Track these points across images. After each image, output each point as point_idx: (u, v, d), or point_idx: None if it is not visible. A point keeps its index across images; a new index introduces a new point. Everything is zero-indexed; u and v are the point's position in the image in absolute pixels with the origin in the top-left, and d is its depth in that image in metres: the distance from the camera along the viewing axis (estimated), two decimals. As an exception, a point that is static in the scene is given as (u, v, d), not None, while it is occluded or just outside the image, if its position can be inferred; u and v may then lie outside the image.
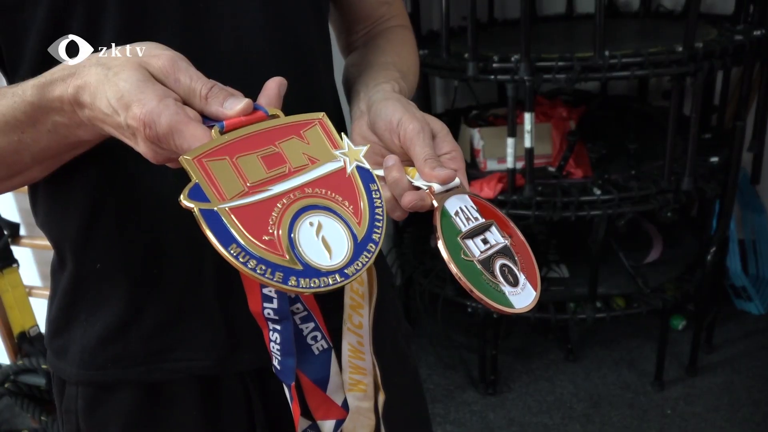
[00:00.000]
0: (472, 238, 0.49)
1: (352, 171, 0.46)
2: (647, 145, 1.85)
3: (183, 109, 0.42)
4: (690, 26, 1.47)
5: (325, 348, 0.58)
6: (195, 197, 0.40)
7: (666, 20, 2.04)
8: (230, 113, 0.43)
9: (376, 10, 0.74)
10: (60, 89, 0.45)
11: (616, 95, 2.31)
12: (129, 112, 0.41)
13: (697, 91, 1.54)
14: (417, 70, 0.74)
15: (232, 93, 0.44)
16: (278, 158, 0.44)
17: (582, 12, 2.26)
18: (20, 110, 0.47)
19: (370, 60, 0.68)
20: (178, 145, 0.41)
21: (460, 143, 1.96)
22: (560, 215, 1.61)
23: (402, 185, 0.51)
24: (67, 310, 0.65)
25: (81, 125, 0.46)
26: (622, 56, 1.48)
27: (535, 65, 1.53)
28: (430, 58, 1.73)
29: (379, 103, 0.56)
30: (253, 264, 0.39)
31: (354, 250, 0.43)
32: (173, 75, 0.43)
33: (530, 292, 0.49)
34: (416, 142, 0.51)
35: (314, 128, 0.47)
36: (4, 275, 1.69)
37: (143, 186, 0.58)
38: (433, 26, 2.23)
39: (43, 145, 0.50)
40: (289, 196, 0.43)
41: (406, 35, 0.75)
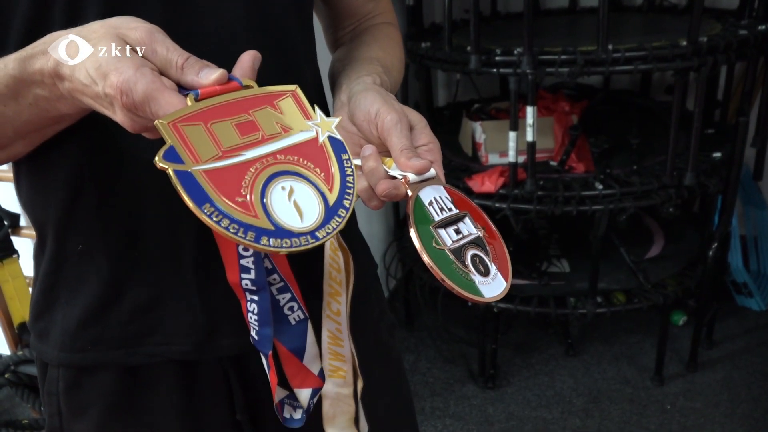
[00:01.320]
0: (444, 228, 0.50)
1: (324, 141, 0.48)
2: (650, 140, 1.84)
3: (159, 77, 0.43)
4: (694, 21, 1.46)
5: (301, 318, 0.59)
6: (170, 159, 0.41)
7: (670, 14, 2.03)
8: (205, 82, 0.44)
9: (362, 7, 0.75)
10: (41, 62, 0.46)
11: (618, 90, 2.30)
12: (107, 81, 0.42)
13: (700, 86, 1.53)
14: (402, 66, 0.75)
15: (207, 64, 0.45)
16: (252, 126, 0.45)
17: (585, 6, 2.25)
18: (2, 83, 0.48)
19: (355, 55, 0.69)
20: (154, 111, 0.42)
21: (462, 137, 1.96)
22: (562, 210, 1.61)
23: (378, 174, 0.52)
24: (48, 292, 0.65)
25: (61, 98, 0.47)
26: (626, 50, 1.47)
27: (537, 59, 1.52)
28: (432, 50, 1.72)
29: (358, 95, 0.57)
30: (226, 223, 0.41)
31: (325, 214, 0.45)
32: (150, 46, 0.44)
33: (501, 283, 0.50)
34: (393, 132, 0.52)
35: (287, 99, 0.48)
36: (4, 265, 1.69)
37: (124, 166, 0.58)
38: (435, 19, 2.22)
39: (25, 119, 0.51)
40: (262, 161, 0.44)
41: (392, 32, 0.76)
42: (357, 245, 0.73)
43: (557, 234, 2.07)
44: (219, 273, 0.57)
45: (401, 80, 0.74)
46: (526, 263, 1.93)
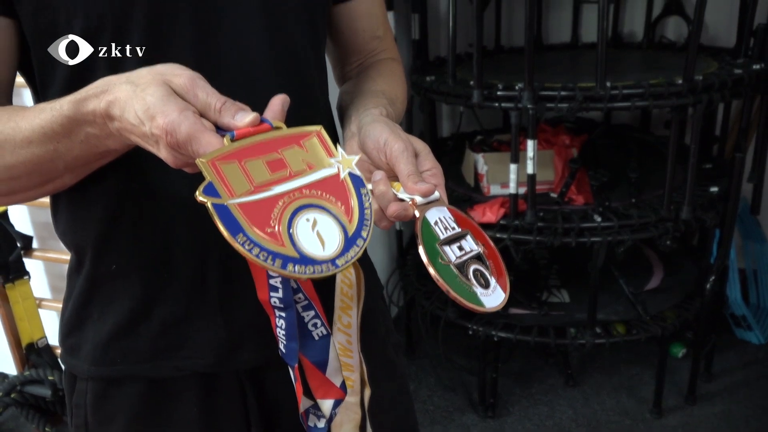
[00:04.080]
0: (449, 245, 0.55)
1: (345, 176, 0.53)
2: (648, 174, 1.88)
3: (200, 120, 0.48)
4: (690, 59, 1.51)
5: (324, 334, 0.63)
6: (208, 193, 0.46)
7: (668, 52, 2.08)
8: (240, 124, 0.49)
9: (368, 44, 0.81)
10: (93, 104, 0.51)
11: (618, 124, 2.35)
12: (154, 122, 0.47)
13: (696, 123, 1.57)
14: (404, 97, 0.81)
15: (242, 107, 0.50)
16: (280, 163, 0.51)
17: (587, 41, 2.31)
18: (57, 123, 0.53)
19: (362, 88, 0.75)
20: (195, 150, 0.47)
21: (465, 167, 2.00)
22: (561, 241, 1.64)
23: (388, 197, 0.56)
24: (81, 309, 0.70)
25: (110, 136, 0.52)
26: (624, 87, 1.52)
27: (538, 94, 1.57)
28: (436, 84, 1.77)
29: (368, 126, 0.62)
30: (256, 251, 0.46)
31: (345, 243, 0.50)
32: (192, 91, 0.49)
33: (500, 294, 0.55)
34: (401, 159, 0.57)
35: (313, 139, 0.54)
36: (15, 286, 1.73)
37: (159, 192, 0.64)
38: (440, 52, 2.28)
39: (76, 154, 0.55)
40: (289, 195, 0.50)
41: (395, 67, 0.82)
42: (366, 268, 0.77)
43: (557, 264, 2.10)
44: (240, 292, 0.64)
45: (404, 111, 0.80)
46: (526, 293, 1.96)
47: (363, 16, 0.79)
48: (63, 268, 1.89)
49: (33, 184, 0.60)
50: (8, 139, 0.55)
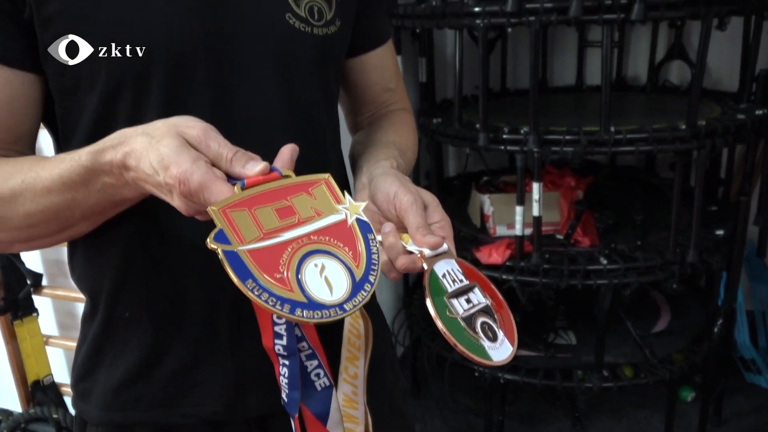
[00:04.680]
0: (457, 298, 0.56)
1: (352, 222, 0.54)
2: (654, 216, 1.89)
3: (212, 169, 0.50)
4: (692, 104, 1.54)
5: (327, 385, 0.64)
6: (219, 240, 0.48)
7: (672, 95, 2.11)
8: (250, 173, 0.51)
9: (380, 96, 0.83)
10: (110, 155, 0.53)
11: (623, 166, 2.37)
12: (168, 172, 0.49)
13: (700, 167, 1.59)
14: (415, 147, 0.82)
15: (253, 157, 0.52)
16: (289, 210, 0.52)
17: (591, 84, 2.35)
18: (75, 173, 0.55)
19: (373, 138, 0.76)
20: (207, 198, 0.49)
21: (471, 208, 2.02)
22: (567, 283, 1.64)
23: (397, 249, 0.58)
24: (94, 355, 0.72)
25: (126, 185, 0.54)
26: (627, 132, 1.54)
27: (543, 138, 1.59)
28: (443, 126, 1.80)
29: (378, 178, 0.64)
30: (265, 297, 0.47)
31: (352, 288, 0.50)
32: (205, 142, 0.51)
33: (507, 347, 0.56)
34: (410, 212, 0.59)
35: (321, 186, 0.55)
36: (23, 323, 1.74)
37: (172, 239, 0.66)
38: (447, 95, 2.32)
39: (92, 203, 0.58)
40: (297, 241, 0.51)
41: (407, 117, 0.84)
42: (374, 313, 0.78)
43: (564, 305, 2.10)
44: (250, 339, 0.64)
45: (415, 160, 0.82)
46: (532, 334, 1.95)
47: (375, 68, 0.82)
48: (71, 306, 1.90)
49: (50, 231, 0.61)
50: (29, 187, 0.57)
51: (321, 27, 0.68)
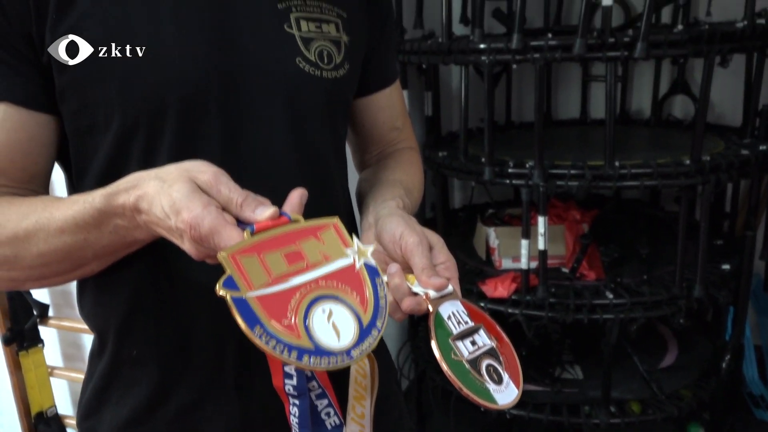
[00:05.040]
0: (462, 340, 0.57)
1: (360, 267, 0.55)
2: (659, 250, 1.89)
3: (222, 214, 0.51)
4: (696, 140, 1.55)
5: (337, 424, 0.64)
6: (228, 286, 0.48)
7: (676, 129, 2.13)
8: (260, 218, 0.52)
9: (387, 135, 0.85)
10: (123, 198, 0.54)
11: (628, 199, 2.37)
12: (179, 217, 0.50)
13: (705, 202, 1.59)
14: (421, 186, 0.83)
15: (262, 202, 0.53)
16: (298, 255, 0.52)
17: (596, 117, 2.37)
18: (89, 214, 0.56)
19: (380, 177, 0.78)
20: (217, 243, 0.49)
21: (477, 241, 2.02)
22: (573, 317, 1.64)
23: (402, 290, 0.58)
24: (101, 393, 0.72)
25: (138, 227, 0.55)
26: (632, 166, 1.55)
27: (548, 172, 1.60)
28: (448, 159, 1.82)
29: (384, 218, 0.65)
30: (273, 344, 0.47)
31: (360, 334, 0.51)
32: (216, 187, 0.52)
33: (513, 390, 0.56)
34: (415, 253, 0.60)
35: (329, 230, 0.56)
36: (29, 354, 1.73)
37: (181, 280, 0.66)
38: (452, 127, 2.34)
39: (104, 243, 0.58)
40: (306, 287, 0.51)
41: (413, 156, 0.86)
42: (380, 352, 0.78)
43: (570, 339, 2.08)
44: (256, 378, 0.65)
45: (421, 198, 0.83)
46: (538, 369, 1.93)
47: (383, 108, 0.83)
48: (77, 337, 1.90)
49: (62, 270, 0.62)
50: (43, 227, 0.58)
51: (330, 70, 0.70)
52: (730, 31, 1.50)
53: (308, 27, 0.68)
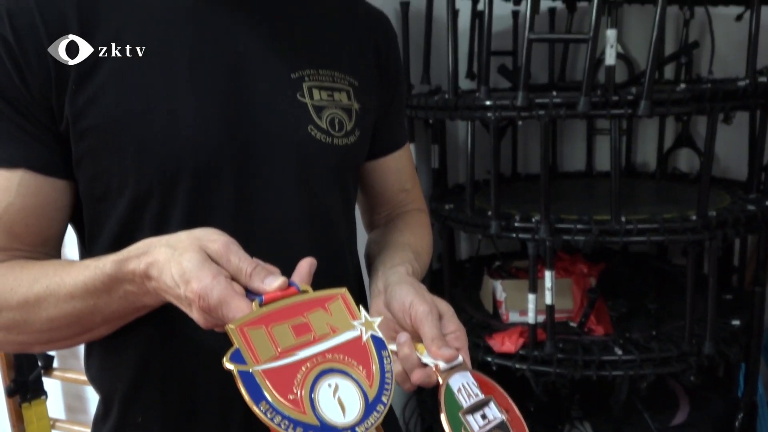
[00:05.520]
0: (472, 414, 0.56)
1: (367, 339, 0.55)
2: (668, 304, 1.87)
3: (231, 284, 0.51)
4: (702, 195, 1.55)
5: None
6: (235, 360, 0.48)
7: (682, 183, 2.14)
8: (269, 289, 0.52)
9: (396, 196, 0.86)
10: (134, 264, 0.55)
11: (636, 252, 2.37)
12: (188, 287, 0.50)
13: (713, 257, 1.59)
14: (430, 249, 0.84)
15: (272, 271, 0.54)
16: (305, 327, 0.53)
17: (601, 170, 2.38)
18: (99, 280, 0.57)
19: (389, 239, 0.78)
20: (225, 314, 0.50)
21: (483, 293, 2.01)
22: (581, 374, 1.61)
23: (412, 361, 0.59)
24: None
25: (147, 293, 0.56)
26: (638, 221, 1.56)
27: (554, 227, 1.61)
28: (455, 212, 1.83)
29: (394, 286, 0.65)
30: (278, 419, 0.47)
31: (365, 409, 0.51)
32: (226, 256, 0.53)
33: None
34: (425, 322, 0.60)
35: (337, 301, 0.56)
36: (31, 406, 1.72)
37: (187, 345, 0.66)
38: (459, 179, 2.36)
39: (114, 309, 0.59)
40: (312, 360, 0.51)
41: (422, 218, 0.87)
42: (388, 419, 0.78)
43: (579, 395, 2.05)
44: None
45: (429, 261, 0.84)
46: (547, 425, 1.90)
47: (392, 171, 0.85)
48: (80, 389, 1.88)
49: (70, 335, 0.63)
50: (53, 293, 0.59)
51: (341, 137, 0.71)
52: (732, 90, 1.53)
53: (320, 96, 0.70)
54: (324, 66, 0.72)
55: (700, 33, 2.16)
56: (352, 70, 0.75)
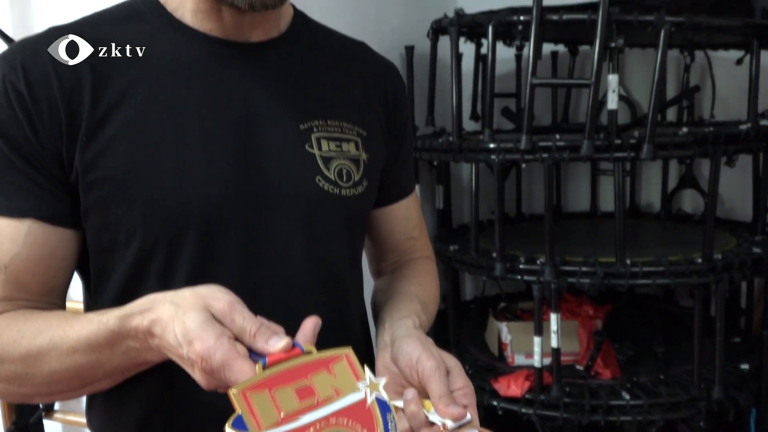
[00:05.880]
0: None
1: (372, 402, 0.54)
2: (676, 347, 1.85)
3: (234, 346, 0.51)
4: (707, 238, 1.55)
5: None
6: (237, 426, 0.47)
7: (687, 224, 2.14)
8: (272, 350, 0.52)
9: (403, 244, 0.86)
10: (137, 320, 0.55)
11: (642, 294, 2.35)
12: (191, 347, 0.50)
13: (720, 300, 1.58)
14: (437, 298, 0.84)
15: (276, 331, 0.53)
16: (309, 391, 0.52)
17: (606, 210, 2.39)
18: (102, 336, 0.57)
19: (396, 288, 0.78)
20: (228, 377, 0.49)
21: (488, 335, 2.00)
22: (589, 419, 1.59)
23: (419, 419, 0.58)
24: None
25: (150, 350, 0.56)
26: (644, 264, 1.55)
27: (559, 269, 1.60)
28: (460, 254, 1.83)
29: (401, 340, 0.64)
30: None
31: None
32: (230, 316, 0.53)
33: None
34: (432, 379, 0.59)
35: (341, 362, 0.55)
36: (31, 450, 1.69)
37: (189, 400, 0.66)
38: (463, 219, 2.37)
39: (116, 364, 0.59)
40: (315, 425, 0.50)
41: (429, 266, 0.86)
42: None
43: (587, 439, 2.01)
44: None
45: (437, 310, 0.83)
46: (555, 471, 1.85)
47: (399, 219, 0.85)
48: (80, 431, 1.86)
49: (72, 387, 0.62)
50: (55, 347, 0.59)
51: (349, 188, 0.72)
52: (734, 133, 1.54)
53: (329, 146, 0.71)
54: (333, 116, 0.73)
55: (701, 76, 2.18)
56: (360, 121, 0.76)
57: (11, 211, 0.63)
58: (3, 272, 0.63)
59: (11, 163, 0.63)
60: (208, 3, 0.68)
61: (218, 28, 0.70)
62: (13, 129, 0.62)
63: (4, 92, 0.62)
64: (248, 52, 0.71)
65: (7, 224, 0.63)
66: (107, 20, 0.69)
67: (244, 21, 0.70)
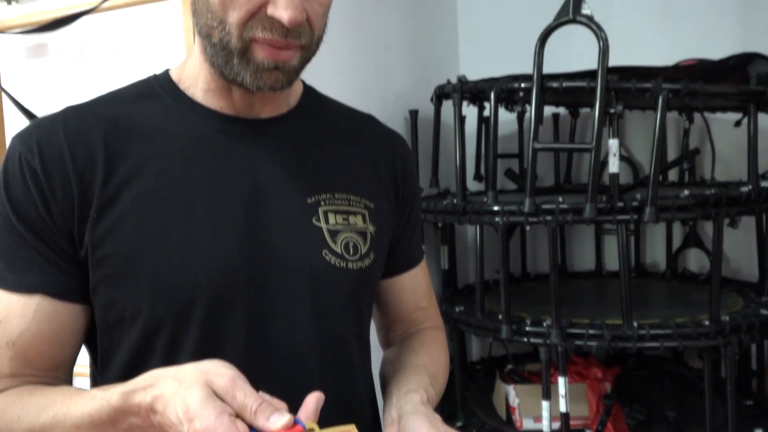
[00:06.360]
0: None
1: None
2: (687, 411, 1.81)
3: (235, 423, 0.50)
4: (714, 301, 1.54)
5: None
6: None
7: (692, 283, 2.13)
8: (274, 428, 0.52)
9: (411, 315, 0.85)
10: (140, 397, 0.55)
11: (651, 355, 2.32)
12: (191, 425, 0.50)
13: (729, 363, 1.56)
14: (446, 369, 0.83)
15: (277, 408, 0.53)
16: None
17: (611, 269, 2.38)
18: (105, 412, 0.57)
19: (404, 360, 0.77)
20: None
21: (496, 398, 1.96)
22: (601, 487, 1.55)
23: None
24: None
25: (152, 427, 0.55)
26: (651, 326, 1.54)
27: (566, 332, 1.59)
28: (466, 315, 1.82)
29: (408, 416, 0.64)
30: None
31: None
32: (231, 392, 0.53)
33: None
34: None
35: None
36: None
37: None
38: (469, 279, 2.36)
39: None
40: None
41: (438, 336, 0.86)
42: None
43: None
44: None
45: (446, 383, 0.82)
46: None
47: (408, 289, 0.85)
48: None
49: None
50: (59, 423, 0.59)
51: (356, 261, 0.72)
52: (735, 195, 1.55)
53: (335, 219, 0.72)
54: (340, 189, 0.74)
55: (700, 137, 2.22)
56: (367, 193, 0.77)
57: (21, 287, 0.64)
58: (11, 348, 0.63)
59: (23, 239, 0.64)
60: (219, 82, 0.71)
61: (229, 106, 0.72)
62: (26, 206, 0.64)
63: (19, 170, 0.64)
64: (257, 128, 0.73)
65: (16, 300, 0.64)
66: (122, 98, 0.72)
67: (253, 99, 0.72)
